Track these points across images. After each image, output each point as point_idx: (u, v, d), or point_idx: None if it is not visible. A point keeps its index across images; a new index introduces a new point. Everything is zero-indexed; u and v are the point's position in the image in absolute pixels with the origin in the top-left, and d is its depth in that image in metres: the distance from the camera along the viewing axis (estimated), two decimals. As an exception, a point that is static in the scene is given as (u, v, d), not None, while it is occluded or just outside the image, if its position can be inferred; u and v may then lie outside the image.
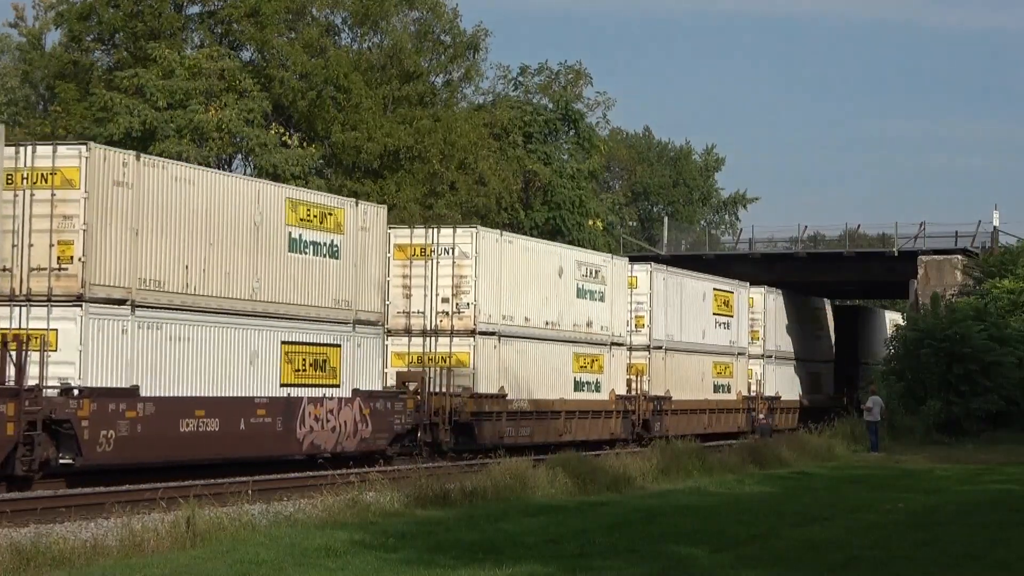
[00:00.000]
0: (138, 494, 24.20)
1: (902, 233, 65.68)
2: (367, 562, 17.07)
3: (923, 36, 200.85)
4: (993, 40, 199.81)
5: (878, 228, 70.70)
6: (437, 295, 38.46)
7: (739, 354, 56.03)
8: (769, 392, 58.35)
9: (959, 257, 62.73)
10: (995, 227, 66.93)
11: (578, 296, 44.31)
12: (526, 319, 40.83)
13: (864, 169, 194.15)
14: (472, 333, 38.35)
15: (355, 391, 33.21)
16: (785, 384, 61.51)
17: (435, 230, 39.12)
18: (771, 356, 59.65)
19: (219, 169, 49.50)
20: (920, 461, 40.49)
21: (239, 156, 53.28)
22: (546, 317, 42.04)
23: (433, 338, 38.42)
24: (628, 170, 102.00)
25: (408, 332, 38.60)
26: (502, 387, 39.31)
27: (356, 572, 16.46)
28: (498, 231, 41.73)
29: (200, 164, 47.18)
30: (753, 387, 56.96)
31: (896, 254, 63.97)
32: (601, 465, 29.55)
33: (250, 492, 23.92)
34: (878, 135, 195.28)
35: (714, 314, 54.22)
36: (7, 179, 26.10)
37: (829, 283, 69.83)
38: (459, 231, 39.03)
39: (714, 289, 54.64)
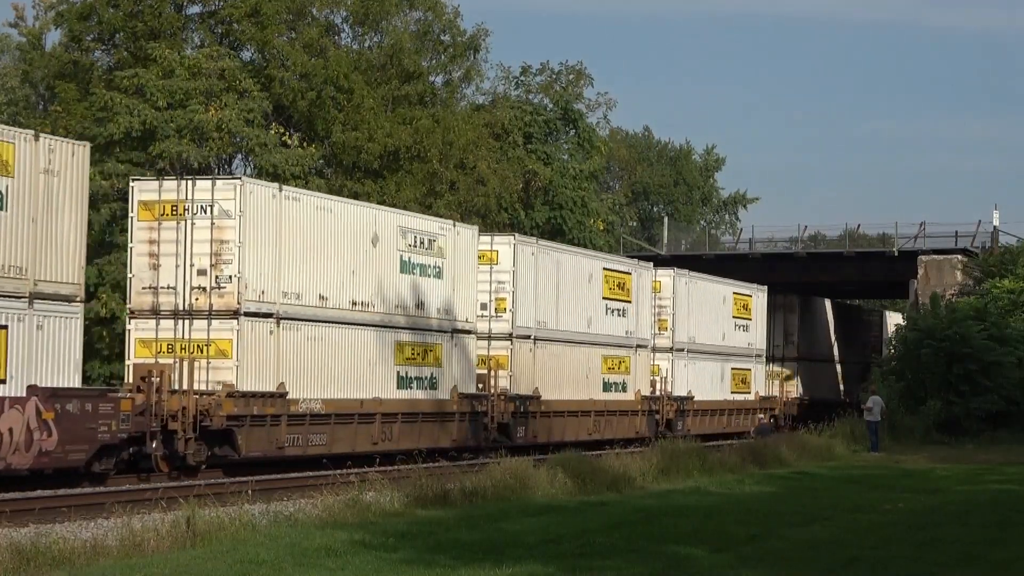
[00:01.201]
0: (138, 494, 24.20)
1: (902, 233, 65.75)
2: (367, 562, 17.07)
3: (923, 36, 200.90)
4: (993, 40, 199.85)
5: (878, 228, 70.83)
6: (192, 266, 30.97)
7: (638, 346, 48.36)
8: (680, 391, 51.68)
9: (959, 257, 62.75)
10: (995, 227, 66.95)
11: (403, 271, 36.01)
12: (322, 298, 33.01)
13: (864, 169, 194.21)
14: (236, 314, 30.73)
15: (31, 388, 25.70)
16: (705, 382, 54.05)
17: (190, 183, 31.34)
18: (683, 349, 52.38)
19: (218, 170, 49.45)
20: (920, 461, 40.50)
21: (239, 156, 53.25)
22: (354, 296, 34.15)
23: (187, 320, 30.85)
24: (628, 170, 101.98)
25: (156, 313, 31.06)
26: (282, 383, 31.73)
27: (356, 572, 16.46)
28: (277, 184, 33.76)
29: (200, 164, 47.24)
30: (659, 385, 49.94)
31: (896, 254, 63.98)
32: (601, 465, 29.55)
33: (250, 492, 23.93)
34: (878, 135, 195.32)
35: (605, 298, 46.31)
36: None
37: (829, 283, 69.84)
38: (220, 184, 31.28)
39: (605, 270, 46.58)
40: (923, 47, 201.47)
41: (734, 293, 56.56)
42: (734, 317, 56.39)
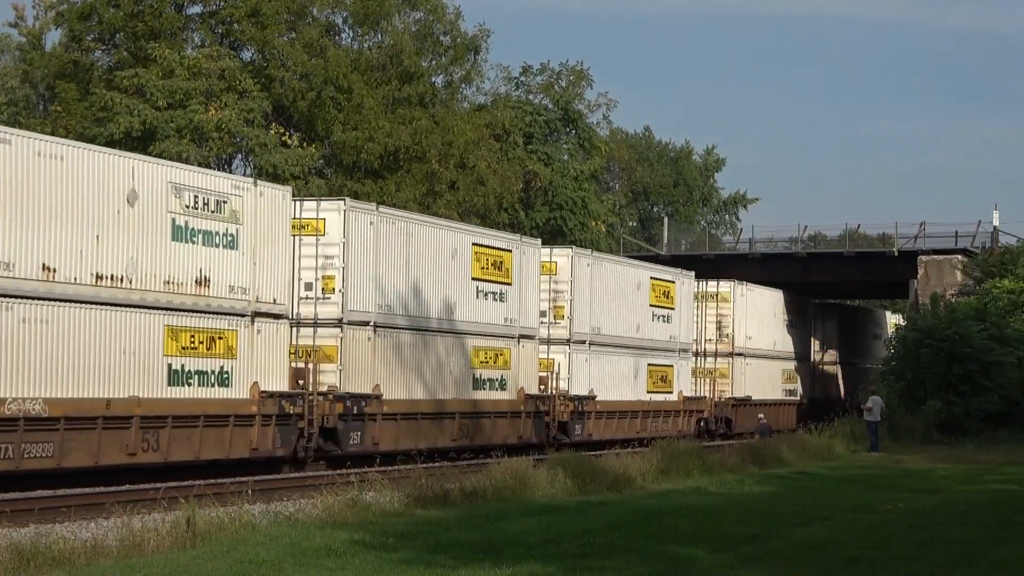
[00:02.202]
0: (138, 494, 24.20)
1: (902, 233, 65.72)
2: (367, 562, 17.07)
3: (923, 36, 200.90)
4: (993, 41, 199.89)
5: (878, 228, 70.81)
6: None
7: (522, 337, 40.83)
8: (579, 389, 43.72)
9: (959, 257, 62.74)
10: (995, 227, 66.93)
11: (176, 239, 28.63)
12: (47, 269, 25.77)
13: (864, 169, 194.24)
14: None
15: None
16: (612, 379, 46.14)
17: None
18: (583, 341, 44.34)
19: (218, 170, 49.45)
20: (920, 461, 40.50)
21: (239, 156, 53.29)
22: (100, 269, 26.87)
23: None
24: (628, 170, 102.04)
25: None
26: None
27: (356, 572, 16.46)
28: None
29: (200, 164, 47.25)
30: (551, 382, 42.28)
31: (896, 254, 63.97)
32: (601, 465, 29.55)
33: (250, 492, 23.92)
34: (878, 135, 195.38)
35: (476, 278, 38.94)
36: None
37: (829, 283, 69.84)
38: None
39: (475, 245, 38.95)
40: (923, 47, 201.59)
41: (652, 278, 49.14)
42: (652, 306, 48.76)
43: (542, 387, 41.68)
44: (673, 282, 50.72)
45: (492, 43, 72.37)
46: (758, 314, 58.58)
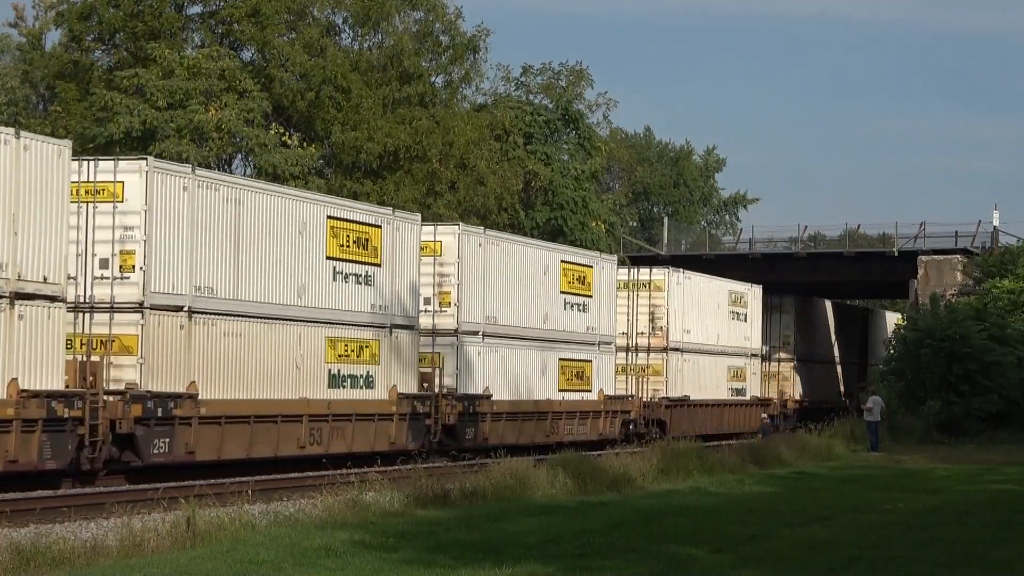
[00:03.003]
0: (138, 494, 24.20)
1: (902, 233, 65.80)
2: (367, 562, 17.07)
3: (923, 36, 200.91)
4: (993, 41, 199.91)
5: (878, 228, 70.92)
6: None
7: (394, 327, 35.34)
8: (471, 387, 38.42)
9: (959, 257, 62.79)
10: (995, 227, 66.99)
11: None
12: None
13: (864, 169, 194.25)
14: None
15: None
16: (515, 376, 40.76)
17: None
18: (476, 332, 38.88)
19: (218, 169, 49.43)
20: (920, 461, 40.52)
21: (239, 156, 53.29)
22: None
23: None
24: (628, 170, 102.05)
25: None
26: None
27: (356, 572, 16.46)
28: None
29: (200, 164, 47.25)
30: (436, 379, 37.00)
31: (896, 254, 64.02)
32: (601, 465, 29.55)
33: (250, 492, 23.93)
34: (878, 135, 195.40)
35: (331, 257, 33.53)
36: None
37: (829, 283, 69.87)
38: None
39: (331, 219, 33.46)
40: (923, 47, 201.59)
41: (563, 262, 43.50)
42: (564, 293, 43.25)
43: (425, 385, 36.48)
44: (590, 267, 45.20)
45: (492, 43, 72.52)
46: (699, 305, 52.78)
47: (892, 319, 76.88)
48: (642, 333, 50.18)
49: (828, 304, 71.82)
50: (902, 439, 47.91)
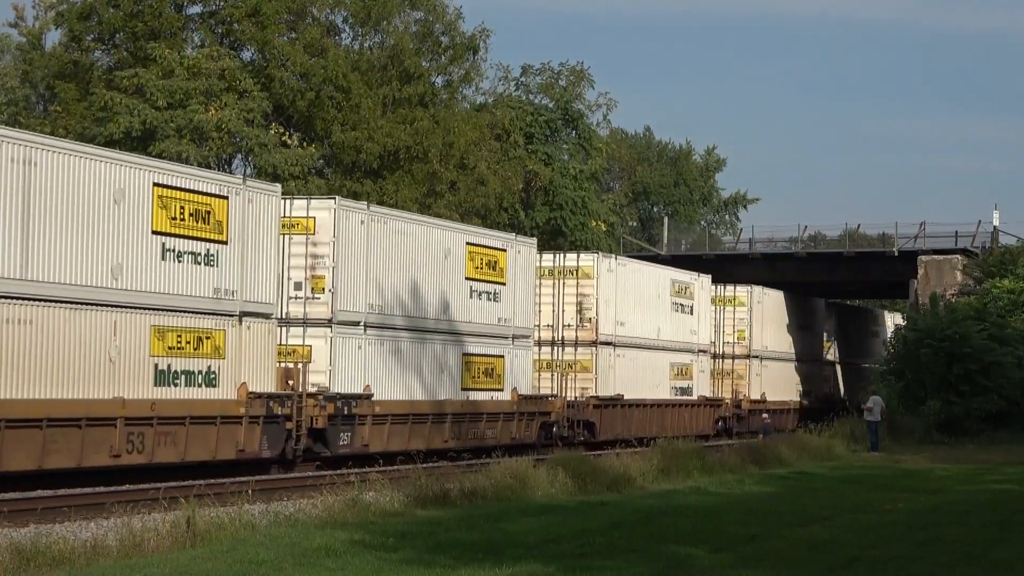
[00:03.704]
0: (138, 494, 24.18)
1: (902, 233, 65.74)
2: (367, 562, 17.07)
3: (923, 36, 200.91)
4: (993, 41, 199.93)
5: (878, 228, 70.79)
6: None
7: (245, 316, 30.22)
8: (347, 386, 33.38)
9: (959, 257, 62.77)
10: (995, 227, 66.98)
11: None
12: None
13: (864, 169, 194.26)
14: None
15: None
16: (401, 373, 35.59)
17: None
18: (357, 323, 34.09)
19: (218, 170, 49.45)
20: (920, 461, 40.52)
21: (239, 156, 53.30)
22: None
23: None
24: (628, 170, 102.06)
25: None
26: None
27: (356, 572, 16.46)
28: None
29: (200, 164, 47.26)
30: (300, 377, 32.08)
31: (896, 254, 63.99)
32: (601, 465, 29.55)
33: (250, 492, 23.92)
34: (878, 135, 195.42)
35: (158, 232, 28.14)
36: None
37: (829, 283, 69.86)
38: None
39: (159, 187, 27.79)
40: (923, 47, 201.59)
41: (469, 244, 38.37)
42: (470, 280, 38.25)
43: (291, 383, 31.84)
44: (503, 250, 40.06)
45: (492, 43, 72.42)
46: (634, 295, 47.53)
47: (890, 319, 76.78)
48: (569, 326, 45.05)
49: (782, 295, 62.89)
50: (902, 439, 47.91)
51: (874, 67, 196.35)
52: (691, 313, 51.99)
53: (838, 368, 70.92)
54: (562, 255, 45.85)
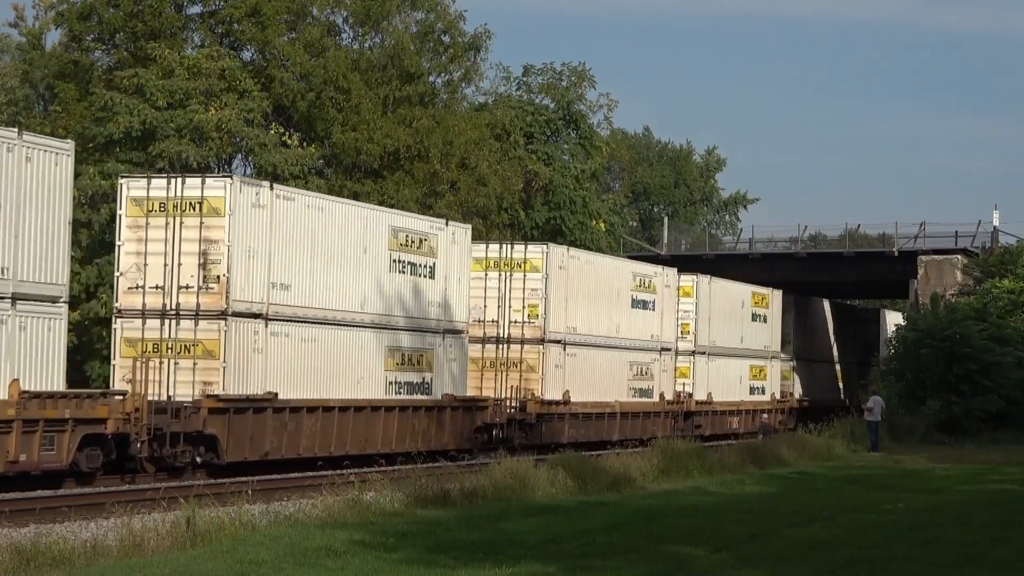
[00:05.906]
0: (138, 494, 24.19)
1: (902, 233, 65.77)
2: (367, 562, 17.07)
3: (923, 36, 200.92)
4: (993, 41, 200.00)
5: (878, 228, 70.91)
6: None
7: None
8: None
9: (959, 257, 62.81)
10: (995, 227, 67.01)
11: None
12: None
13: (864, 169, 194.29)
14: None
15: None
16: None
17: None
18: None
19: (218, 169, 49.41)
20: (920, 461, 40.52)
21: (239, 156, 53.26)
22: None
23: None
24: (629, 170, 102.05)
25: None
26: None
27: (356, 572, 16.46)
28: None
29: (200, 164, 47.20)
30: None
31: (896, 254, 64.02)
32: (602, 465, 29.55)
33: (250, 492, 23.92)
34: (878, 135, 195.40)
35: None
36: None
37: (829, 283, 69.86)
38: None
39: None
40: (923, 47, 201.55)
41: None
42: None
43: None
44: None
45: (494, 43, 72.42)
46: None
47: (890, 319, 76.68)
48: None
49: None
50: (902, 439, 47.91)
51: (874, 67, 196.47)
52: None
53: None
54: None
